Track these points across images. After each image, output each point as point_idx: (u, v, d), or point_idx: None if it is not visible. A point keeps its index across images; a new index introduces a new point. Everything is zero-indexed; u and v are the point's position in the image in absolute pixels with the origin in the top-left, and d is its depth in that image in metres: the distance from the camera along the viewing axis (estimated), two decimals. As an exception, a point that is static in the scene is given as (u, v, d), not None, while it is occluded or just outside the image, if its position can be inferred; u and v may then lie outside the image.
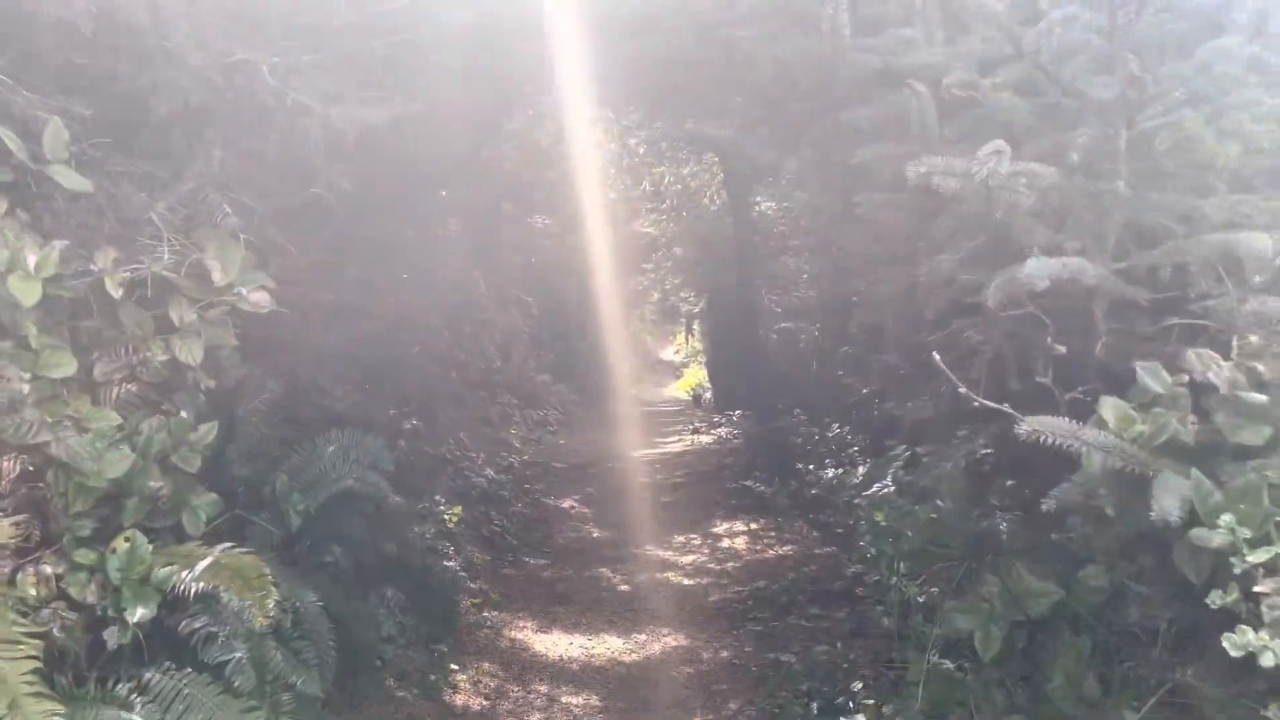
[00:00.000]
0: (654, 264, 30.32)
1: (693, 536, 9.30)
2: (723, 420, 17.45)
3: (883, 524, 5.45)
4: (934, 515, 4.81)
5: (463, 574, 7.44)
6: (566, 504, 10.58)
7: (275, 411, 4.83)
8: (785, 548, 8.85)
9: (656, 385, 45.60)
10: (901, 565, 5.27)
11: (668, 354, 56.13)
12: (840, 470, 10.06)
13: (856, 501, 7.64)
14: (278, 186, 4.21)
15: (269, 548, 4.25)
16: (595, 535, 9.63)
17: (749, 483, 10.90)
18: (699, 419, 21.45)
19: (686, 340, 50.46)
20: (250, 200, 3.97)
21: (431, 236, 8.42)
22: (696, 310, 27.69)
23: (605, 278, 28.41)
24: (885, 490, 6.21)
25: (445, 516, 7.94)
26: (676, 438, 17.98)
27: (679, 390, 42.04)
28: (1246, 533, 2.64)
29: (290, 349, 5.09)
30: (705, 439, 16.40)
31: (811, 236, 12.61)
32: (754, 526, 9.48)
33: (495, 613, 7.05)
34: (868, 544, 5.94)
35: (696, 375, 43.42)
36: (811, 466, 10.71)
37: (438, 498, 8.04)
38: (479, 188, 9.99)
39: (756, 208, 12.42)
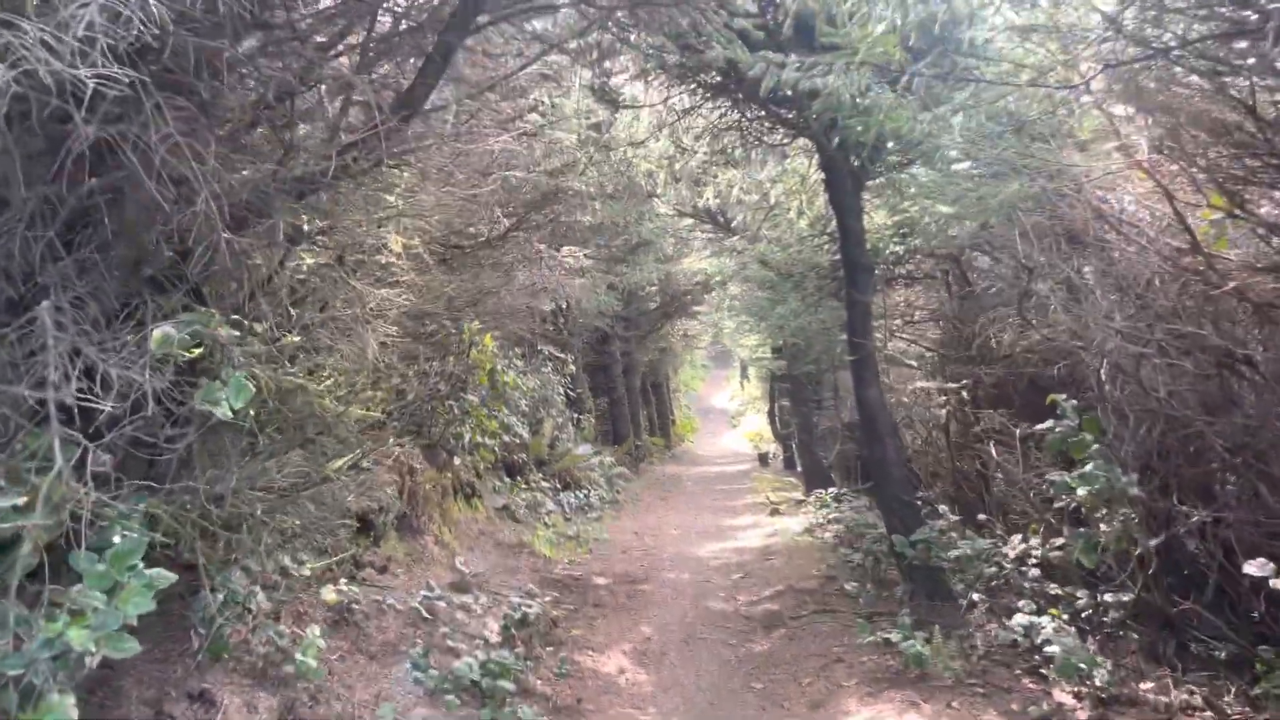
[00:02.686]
0: (707, 306, 27.02)
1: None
2: (811, 499, 13.77)
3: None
4: None
5: None
6: (613, 665, 7.04)
7: None
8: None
9: (711, 435, 41.92)
10: None
11: (721, 400, 52.68)
12: (1036, 610, 6.45)
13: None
14: None
15: None
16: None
17: (883, 622, 7.29)
18: (772, 489, 17.79)
19: (742, 386, 47.07)
20: None
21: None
22: (758, 356, 24.14)
23: (651, 321, 25.07)
24: None
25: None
26: (751, 519, 14.34)
27: (739, 441, 38.42)
28: None
29: None
30: (792, 523, 12.75)
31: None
32: None
33: None
34: None
35: (755, 424, 39.92)
36: (979, 599, 7.08)
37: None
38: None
39: (866, 216, 8.91)
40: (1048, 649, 5.80)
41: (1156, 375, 5.92)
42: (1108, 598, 6.17)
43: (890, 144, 7.00)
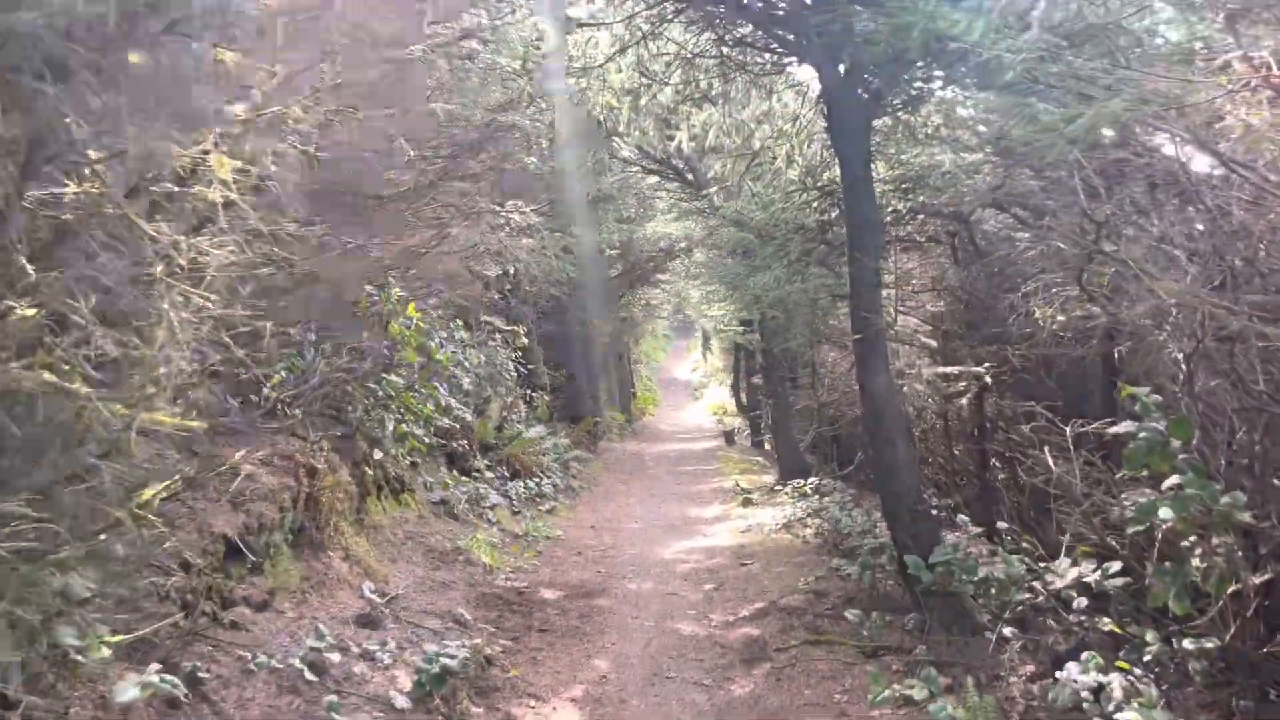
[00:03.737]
0: (670, 274, 25.48)
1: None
2: (788, 489, 12.44)
3: None
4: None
5: None
6: (560, 714, 5.61)
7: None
8: None
9: (674, 408, 40.47)
10: None
11: (683, 371, 51.28)
12: (1092, 656, 5.14)
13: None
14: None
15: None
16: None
17: (891, 660, 5.97)
18: (741, 472, 16.47)
19: (704, 358, 45.68)
20: None
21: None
22: (723, 327, 22.71)
23: (613, 289, 23.51)
24: None
25: None
26: (720, 508, 12.99)
27: (702, 414, 37.05)
28: None
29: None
30: (767, 517, 11.41)
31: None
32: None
33: None
34: None
35: (718, 396, 38.59)
36: (1010, 634, 5.76)
37: None
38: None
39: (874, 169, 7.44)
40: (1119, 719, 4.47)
41: (1255, 363, 4.59)
42: (1187, 644, 4.86)
43: (919, 63, 5.53)
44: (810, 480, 11.86)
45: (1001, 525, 6.64)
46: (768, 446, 22.12)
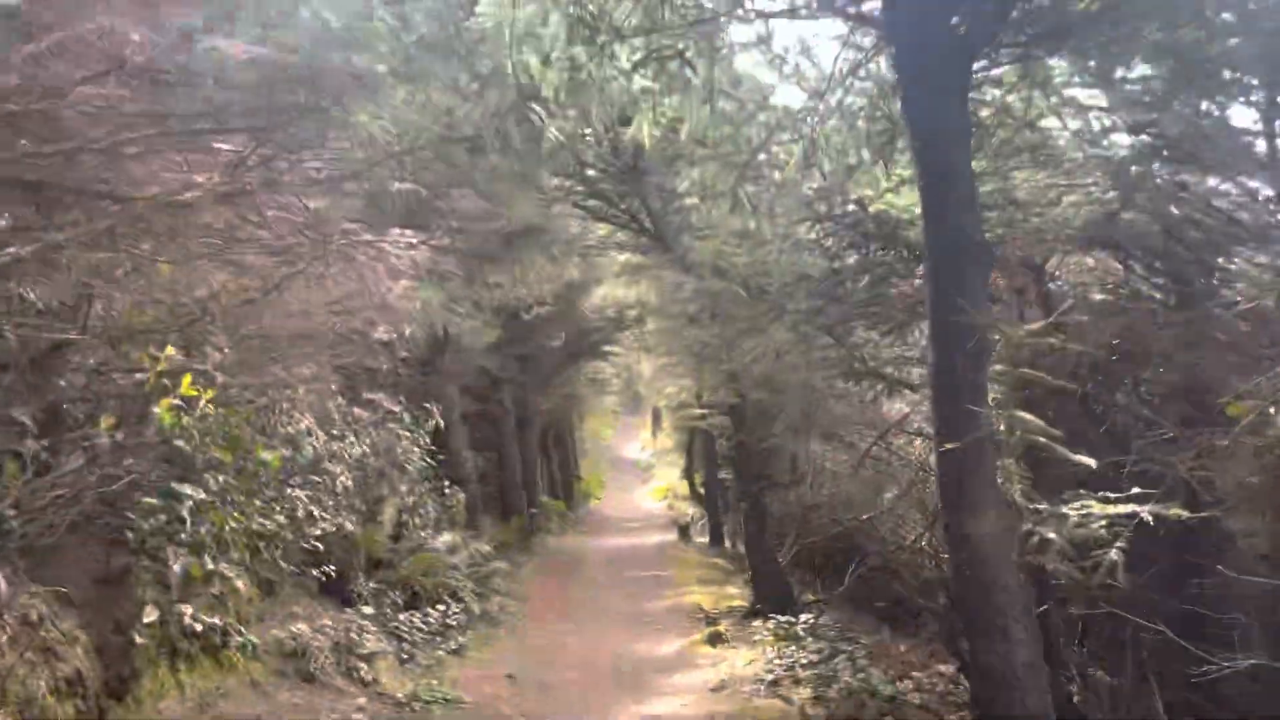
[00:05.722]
0: (620, 344, 22.91)
1: None
2: (769, 626, 9.67)
3: None
4: None
5: None
6: None
7: None
8: None
9: (621, 490, 37.35)
10: None
11: (633, 450, 48.24)
12: None
13: None
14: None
15: None
16: None
17: None
18: (701, 584, 13.68)
19: (654, 437, 42.80)
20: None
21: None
22: (679, 406, 20.06)
23: (554, 361, 20.80)
24: None
25: None
26: (680, 642, 10.16)
27: (651, 499, 34.05)
28: None
29: None
30: (742, 666, 8.61)
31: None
32: None
33: None
34: None
35: (668, 478, 35.67)
36: None
37: None
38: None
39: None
40: None
41: None
42: None
43: None
44: (801, 618, 9.08)
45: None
46: (728, 544, 19.36)
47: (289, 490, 7.58)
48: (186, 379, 4.27)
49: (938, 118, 3.79)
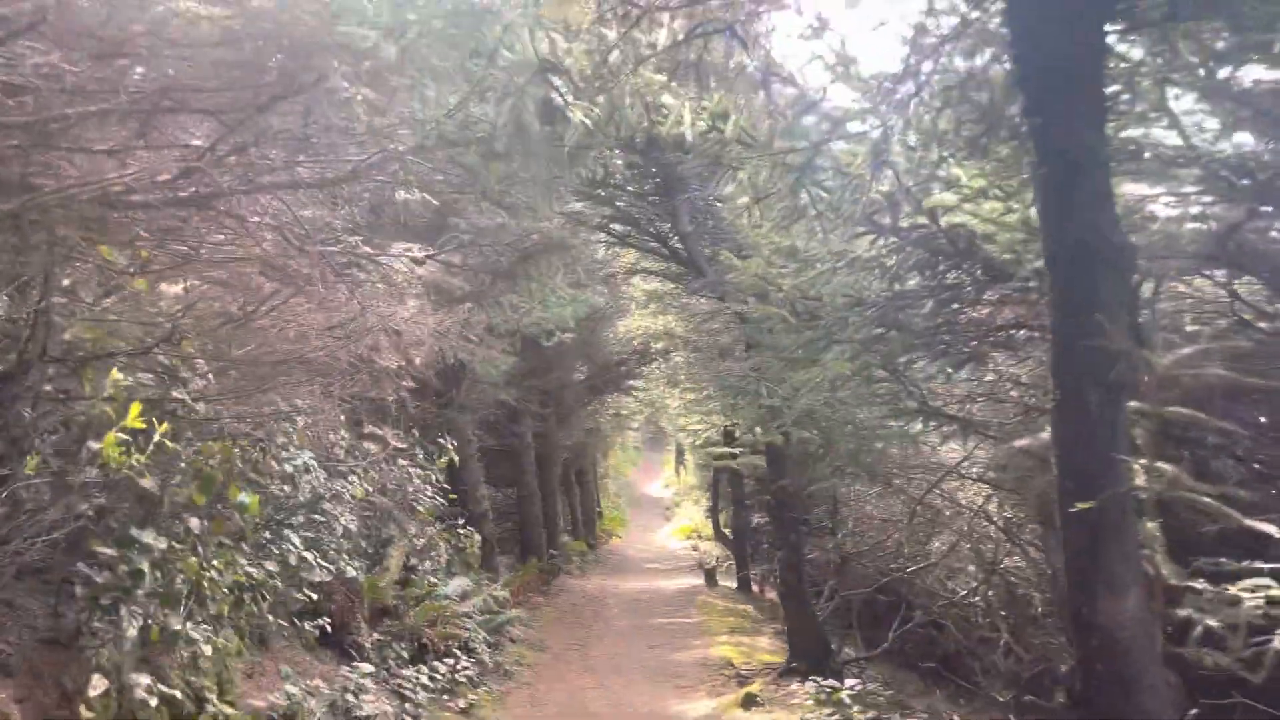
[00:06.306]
0: (645, 378, 22.17)
1: None
2: (808, 688, 8.78)
3: None
4: None
5: None
6: None
7: None
8: None
9: (644, 529, 36.31)
10: None
11: (655, 487, 47.22)
12: None
13: None
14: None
15: None
16: None
17: None
18: (731, 635, 12.78)
19: (678, 474, 41.83)
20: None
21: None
22: (702, 443, 19.26)
23: (576, 395, 20.08)
24: None
25: None
26: (711, 703, 9.29)
27: (674, 538, 33.00)
28: None
29: None
30: (782, 735, 7.74)
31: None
32: None
33: None
34: None
35: (691, 517, 34.65)
36: None
37: None
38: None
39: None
40: None
41: None
42: None
43: None
44: (847, 682, 8.18)
45: None
46: (756, 589, 18.43)
47: (285, 533, 6.89)
48: (135, 408, 3.56)
49: (1064, 88, 3.06)
